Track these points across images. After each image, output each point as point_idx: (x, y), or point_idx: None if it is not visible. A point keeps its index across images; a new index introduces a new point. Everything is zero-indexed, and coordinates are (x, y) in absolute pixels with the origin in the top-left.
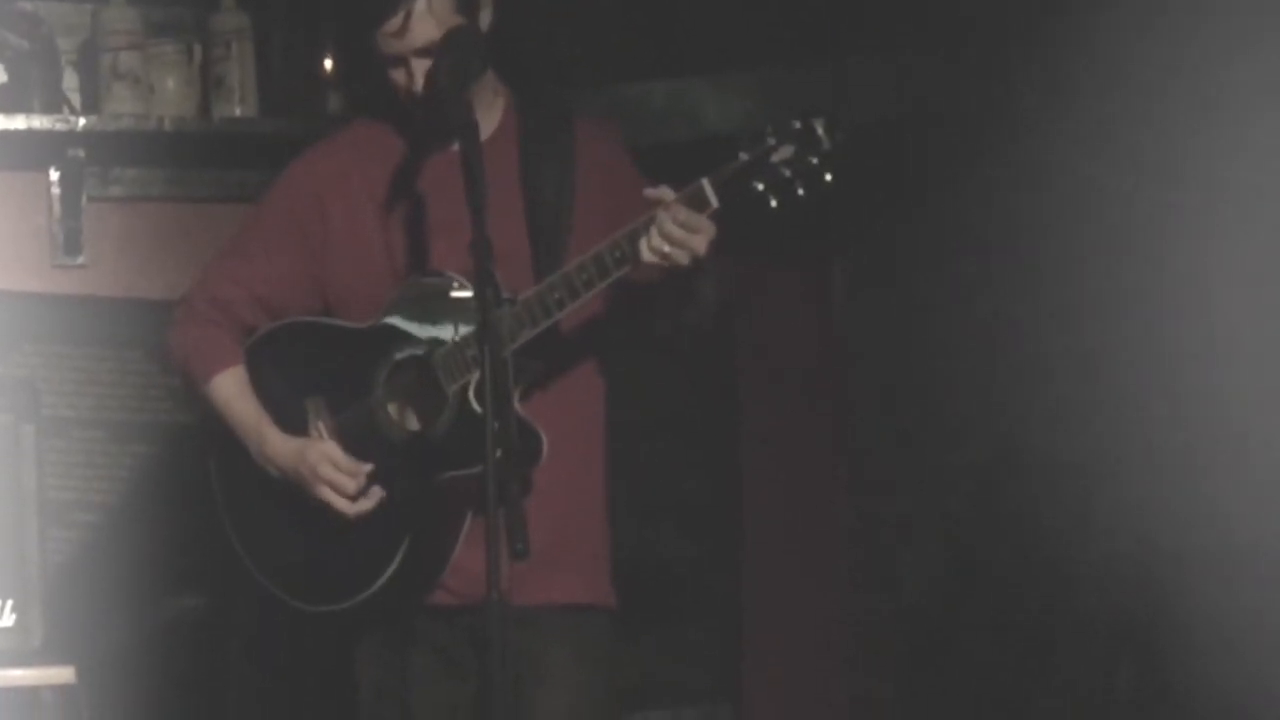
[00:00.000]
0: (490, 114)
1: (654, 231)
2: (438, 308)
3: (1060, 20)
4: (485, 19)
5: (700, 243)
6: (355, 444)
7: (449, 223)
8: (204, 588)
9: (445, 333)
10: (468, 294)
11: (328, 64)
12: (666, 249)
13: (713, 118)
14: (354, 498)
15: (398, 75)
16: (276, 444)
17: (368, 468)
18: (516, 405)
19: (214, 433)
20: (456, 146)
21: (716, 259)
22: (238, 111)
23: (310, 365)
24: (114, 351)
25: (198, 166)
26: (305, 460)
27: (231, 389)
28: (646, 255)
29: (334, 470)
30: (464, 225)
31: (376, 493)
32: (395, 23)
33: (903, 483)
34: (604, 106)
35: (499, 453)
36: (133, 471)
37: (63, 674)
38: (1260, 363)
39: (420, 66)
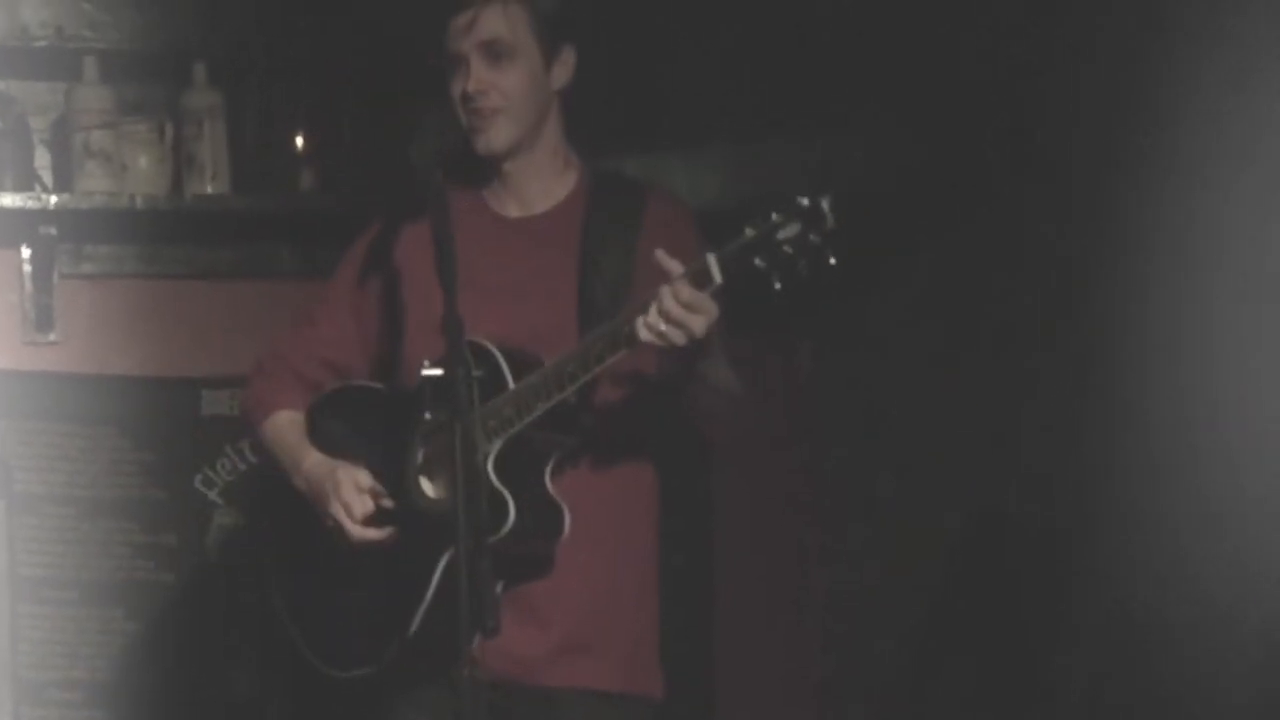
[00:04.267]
0: (560, 183)
1: (653, 309)
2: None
3: (1033, 92)
4: (559, 76)
5: (699, 324)
6: (383, 514)
7: (504, 286)
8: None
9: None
10: (437, 372)
11: (300, 141)
12: (663, 327)
13: (684, 193)
14: (361, 522)
15: (456, 82)
16: (313, 461)
17: (388, 502)
18: (547, 480)
19: (269, 499)
20: (513, 215)
21: (727, 343)
22: (210, 189)
23: (360, 430)
24: (86, 428)
25: (170, 244)
26: (333, 477)
27: (283, 424)
28: (643, 334)
29: (353, 491)
30: (521, 291)
31: (388, 531)
32: (466, 16)
33: (875, 552)
34: None
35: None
36: (104, 548)
37: None
38: (1236, 429)
39: (478, 67)
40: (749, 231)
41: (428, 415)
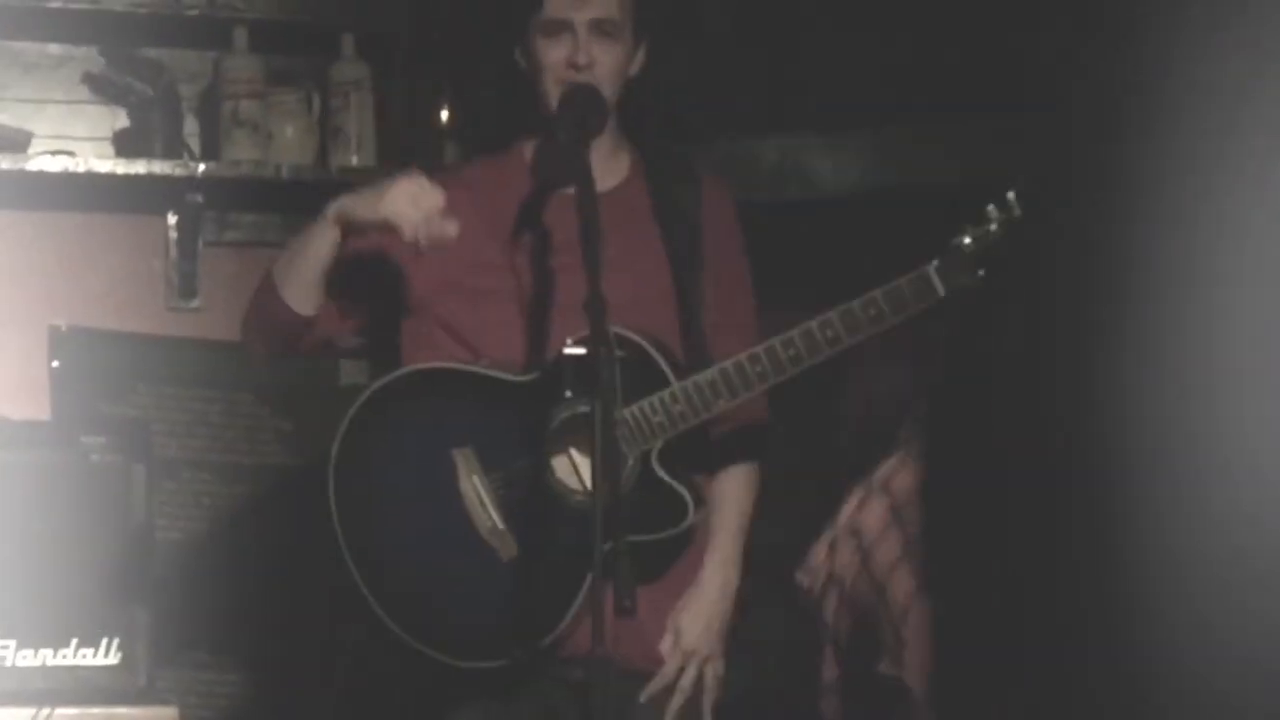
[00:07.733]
0: (615, 166)
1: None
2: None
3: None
4: (639, 60)
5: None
6: (516, 501)
7: (577, 265)
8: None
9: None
10: (579, 351)
11: (445, 114)
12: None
13: (826, 178)
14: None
15: (556, 49)
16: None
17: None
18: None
19: (340, 469)
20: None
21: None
22: (354, 161)
23: (451, 415)
24: (225, 394)
25: (313, 214)
26: (378, 186)
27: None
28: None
29: (412, 181)
30: (612, 265)
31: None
32: None
33: None
34: (714, 163)
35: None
36: (240, 514)
37: (166, 714)
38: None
39: (586, 40)
40: (966, 240)
41: (568, 394)
